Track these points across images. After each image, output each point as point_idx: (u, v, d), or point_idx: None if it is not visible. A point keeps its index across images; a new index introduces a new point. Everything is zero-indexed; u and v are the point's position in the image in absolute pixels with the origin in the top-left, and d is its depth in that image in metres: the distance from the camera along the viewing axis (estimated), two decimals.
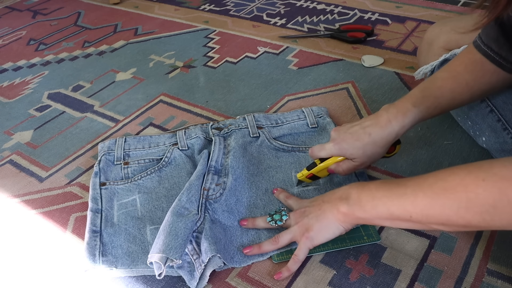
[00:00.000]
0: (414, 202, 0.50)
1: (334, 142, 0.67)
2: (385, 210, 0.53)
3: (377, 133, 0.64)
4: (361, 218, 0.56)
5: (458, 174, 0.47)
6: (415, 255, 0.62)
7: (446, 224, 0.49)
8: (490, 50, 0.62)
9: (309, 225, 0.60)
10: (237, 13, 1.36)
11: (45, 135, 0.94)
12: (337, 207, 0.58)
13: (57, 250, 0.69)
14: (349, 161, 0.67)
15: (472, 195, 0.44)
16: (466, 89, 0.65)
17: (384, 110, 0.66)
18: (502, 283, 0.58)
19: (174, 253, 0.59)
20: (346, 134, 0.66)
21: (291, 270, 0.61)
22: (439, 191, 0.48)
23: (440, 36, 0.84)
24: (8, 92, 1.11)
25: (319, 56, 1.10)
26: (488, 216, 0.44)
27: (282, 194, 0.71)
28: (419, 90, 0.67)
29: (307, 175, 0.70)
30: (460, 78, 0.65)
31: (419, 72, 0.85)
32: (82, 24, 1.42)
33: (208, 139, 0.83)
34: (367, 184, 0.57)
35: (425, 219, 0.50)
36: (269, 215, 0.67)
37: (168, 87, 1.05)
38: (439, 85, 0.66)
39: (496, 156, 0.71)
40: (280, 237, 0.63)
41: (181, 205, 0.67)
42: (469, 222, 0.46)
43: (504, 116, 0.68)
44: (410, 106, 0.64)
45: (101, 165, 0.80)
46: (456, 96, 0.66)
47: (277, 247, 0.63)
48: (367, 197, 0.55)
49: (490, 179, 0.43)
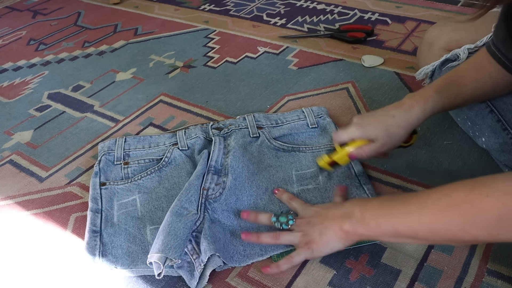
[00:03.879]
0: (419, 220, 0.50)
1: (357, 125, 0.68)
2: (390, 228, 0.52)
3: (401, 115, 0.66)
4: (365, 235, 0.56)
5: (462, 190, 0.47)
6: (415, 255, 0.62)
7: (453, 240, 0.49)
8: (498, 51, 0.62)
9: (313, 238, 0.60)
10: (237, 13, 1.36)
11: (45, 135, 0.94)
12: (340, 225, 0.58)
13: (57, 250, 0.69)
14: (370, 144, 0.67)
15: (478, 211, 0.45)
16: (489, 80, 0.66)
17: (407, 98, 0.67)
18: (502, 283, 0.58)
19: (173, 253, 0.59)
20: (369, 118, 0.68)
21: (281, 269, 0.61)
22: (444, 208, 0.47)
23: (441, 37, 0.84)
24: (8, 92, 1.11)
25: (319, 56, 1.10)
26: (495, 231, 0.44)
27: (285, 195, 0.70)
28: (443, 78, 0.68)
29: (328, 162, 0.70)
30: (484, 69, 0.66)
31: (420, 73, 0.85)
32: (82, 24, 1.42)
33: (208, 139, 0.83)
34: (369, 202, 0.58)
35: (432, 236, 0.50)
36: (275, 215, 0.66)
37: (168, 87, 1.05)
38: (462, 74, 0.67)
39: (496, 156, 0.71)
40: (282, 235, 0.63)
41: (181, 205, 0.67)
42: (476, 237, 0.46)
43: (504, 116, 0.69)
44: (432, 92, 0.66)
45: (101, 165, 0.80)
46: (479, 86, 0.66)
47: (275, 243, 0.63)
48: (371, 216, 0.55)
49: (494, 194, 0.44)
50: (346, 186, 0.72)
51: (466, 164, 0.76)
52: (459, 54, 0.77)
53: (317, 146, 0.80)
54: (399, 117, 0.66)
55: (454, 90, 0.66)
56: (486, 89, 0.67)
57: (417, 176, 0.74)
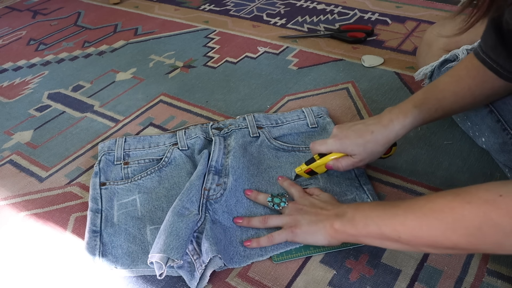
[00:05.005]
0: (404, 222, 0.51)
1: (335, 138, 0.68)
2: (375, 229, 0.54)
3: (379, 131, 0.66)
4: (352, 235, 0.57)
5: (446, 198, 0.48)
6: (415, 255, 0.62)
7: (434, 246, 0.50)
8: (488, 57, 0.62)
9: (299, 223, 0.63)
10: (237, 13, 1.36)
11: (45, 135, 0.94)
12: (331, 222, 0.59)
13: (57, 250, 0.69)
14: (348, 157, 0.68)
15: (458, 217, 0.46)
16: (468, 93, 0.66)
17: (387, 111, 0.67)
18: (502, 283, 0.58)
19: (175, 253, 0.59)
20: (348, 131, 0.68)
21: (260, 244, 0.64)
22: (427, 212, 0.49)
23: (440, 37, 0.84)
24: (8, 92, 1.11)
25: (319, 56, 1.10)
26: (474, 239, 0.45)
27: (287, 182, 0.73)
28: (422, 92, 0.68)
29: (305, 170, 0.72)
30: (463, 82, 0.66)
31: (419, 73, 0.85)
32: (82, 24, 1.42)
33: (208, 139, 0.83)
34: (363, 204, 0.60)
35: (413, 239, 0.51)
36: (271, 196, 0.70)
37: (168, 87, 1.05)
38: (441, 88, 0.67)
39: (496, 156, 0.71)
40: (269, 219, 0.66)
41: (182, 205, 0.67)
42: (456, 244, 0.47)
43: (504, 116, 0.69)
44: (411, 107, 0.65)
45: (101, 165, 0.80)
46: (458, 100, 0.66)
47: (263, 226, 0.66)
48: (361, 216, 0.56)
49: (475, 202, 0.45)
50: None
51: (466, 164, 0.76)
52: (458, 54, 0.77)
53: None
54: (377, 133, 0.66)
55: (434, 104, 0.66)
56: (465, 102, 0.67)
57: (417, 176, 0.74)
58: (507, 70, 0.61)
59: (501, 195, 0.43)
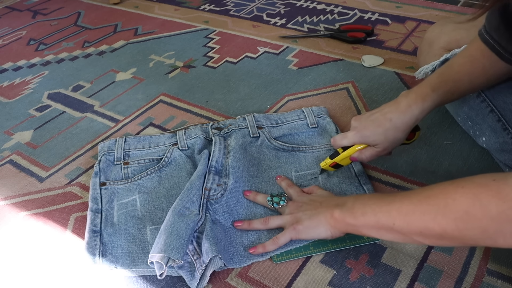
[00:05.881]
0: (399, 208, 0.51)
1: (355, 131, 0.68)
2: (372, 217, 0.54)
3: (398, 117, 0.65)
4: (351, 224, 0.57)
5: (443, 184, 0.48)
6: (415, 255, 0.62)
7: (424, 234, 0.49)
8: (491, 38, 0.62)
9: (301, 219, 0.63)
10: (237, 13, 1.36)
11: (45, 135, 0.94)
12: (331, 212, 0.60)
13: (57, 250, 0.69)
14: (371, 148, 0.68)
15: (450, 201, 0.46)
16: (482, 72, 0.66)
17: (403, 96, 0.67)
18: (502, 283, 0.58)
19: (176, 253, 0.59)
20: (367, 122, 0.68)
21: (266, 249, 0.63)
22: (422, 198, 0.49)
23: (441, 37, 0.84)
24: (8, 92, 1.11)
25: (319, 56, 1.10)
26: (462, 223, 0.45)
27: (284, 182, 0.73)
28: (437, 75, 0.68)
29: (330, 163, 0.72)
30: (477, 62, 0.66)
31: (420, 72, 0.85)
32: (82, 24, 1.42)
33: (208, 139, 0.83)
34: (364, 195, 0.60)
35: (406, 226, 0.50)
36: (270, 195, 0.70)
37: (168, 87, 1.05)
38: (456, 70, 0.67)
39: (497, 156, 0.71)
40: (271, 219, 0.66)
41: (183, 204, 0.67)
42: (444, 229, 0.46)
43: (504, 116, 0.69)
44: (429, 91, 0.65)
45: (101, 165, 0.80)
46: (473, 80, 0.67)
47: (265, 227, 0.66)
48: (360, 205, 0.57)
49: (468, 186, 0.45)
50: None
51: (466, 164, 0.76)
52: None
53: (317, 146, 0.80)
54: (396, 120, 0.65)
55: (451, 87, 0.66)
56: (479, 82, 0.67)
57: (417, 176, 0.74)
58: (508, 52, 0.61)
59: (495, 180, 0.43)
